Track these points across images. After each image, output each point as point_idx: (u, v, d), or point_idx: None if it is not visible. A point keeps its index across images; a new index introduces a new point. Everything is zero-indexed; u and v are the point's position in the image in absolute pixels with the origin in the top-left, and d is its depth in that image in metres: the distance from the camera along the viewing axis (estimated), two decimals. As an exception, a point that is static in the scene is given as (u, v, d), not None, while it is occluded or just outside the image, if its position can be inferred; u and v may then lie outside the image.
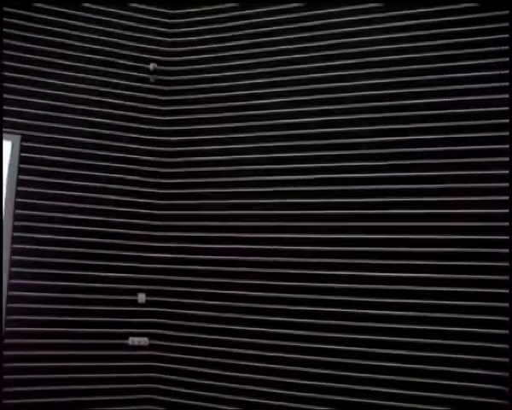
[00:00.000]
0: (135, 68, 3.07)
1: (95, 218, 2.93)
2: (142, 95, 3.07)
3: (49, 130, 2.88)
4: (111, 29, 3.05)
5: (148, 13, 3.13)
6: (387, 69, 2.67)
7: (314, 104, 2.80)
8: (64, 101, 2.93)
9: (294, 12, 2.92)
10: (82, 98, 2.96)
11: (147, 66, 3.05)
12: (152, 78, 3.01)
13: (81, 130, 2.95)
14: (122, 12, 3.07)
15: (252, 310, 2.79)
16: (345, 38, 2.77)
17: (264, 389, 2.71)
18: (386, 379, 2.51)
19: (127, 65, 3.06)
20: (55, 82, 2.92)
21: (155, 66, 3.03)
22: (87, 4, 3.01)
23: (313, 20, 2.86)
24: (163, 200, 3.06)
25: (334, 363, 2.60)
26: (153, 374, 2.92)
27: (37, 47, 2.91)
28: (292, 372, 2.67)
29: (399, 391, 2.49)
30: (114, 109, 3.02)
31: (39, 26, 2.92)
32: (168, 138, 3.10)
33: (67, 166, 2.91)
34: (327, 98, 2.77)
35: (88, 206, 2.92)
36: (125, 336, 2.90)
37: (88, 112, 2.97)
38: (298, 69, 2.87)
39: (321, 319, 2.65)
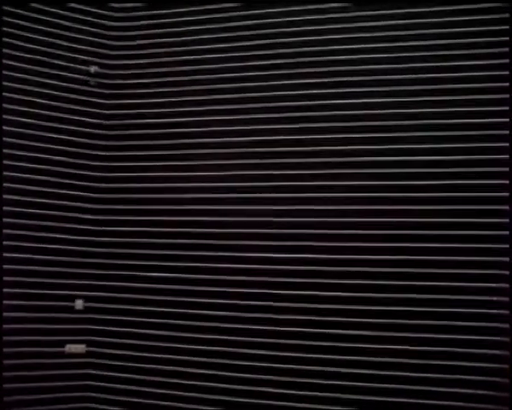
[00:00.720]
0: (75, 70, 3.01)
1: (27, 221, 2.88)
2: (83, 97, 3.01)
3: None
4: (53, 30, 2.99)
5: (91, 14, 3.07)
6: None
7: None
8: (5, 102, 2.87)
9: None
10: (23, 100, 2.91)
11: (87, 68, 2.98)
12: (92, 80, 2.94)
13: (17, 131, 2.89)
14: (63, 12, 3.02)
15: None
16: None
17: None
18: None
19: (68, 66, 3.00)
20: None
21: (97, 68, 2.97)
22: (35, 5, 2.96)
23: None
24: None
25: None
26: (90, 382, 2.87)
27: (-11, 49, 2.87)
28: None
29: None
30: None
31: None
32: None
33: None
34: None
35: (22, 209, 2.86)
36: (62, 343, 2.83)
37: (25, 113, 2.91)
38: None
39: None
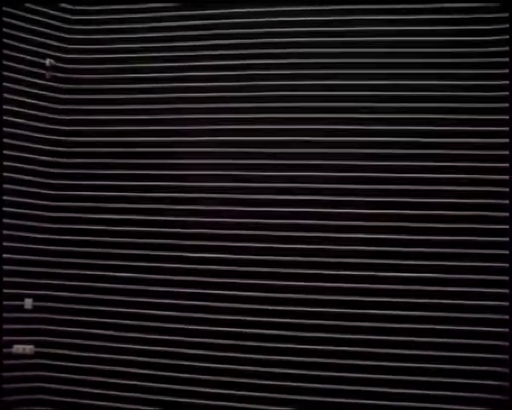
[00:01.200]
0: (32, 63, 2.92)
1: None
2: (39, 92, 2.93)
3: None
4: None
5: (48, 7, 2.99)
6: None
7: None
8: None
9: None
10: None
11: (42, 61, 2.89)
12: (47, 74, 2.87)
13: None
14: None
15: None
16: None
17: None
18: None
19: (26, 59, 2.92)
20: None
21: (52, 62, 2.90)
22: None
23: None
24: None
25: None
26: (39, 384, 2.77)
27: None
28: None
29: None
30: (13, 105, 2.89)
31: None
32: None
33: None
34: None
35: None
36: (9, 344, 2.73)
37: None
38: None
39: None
